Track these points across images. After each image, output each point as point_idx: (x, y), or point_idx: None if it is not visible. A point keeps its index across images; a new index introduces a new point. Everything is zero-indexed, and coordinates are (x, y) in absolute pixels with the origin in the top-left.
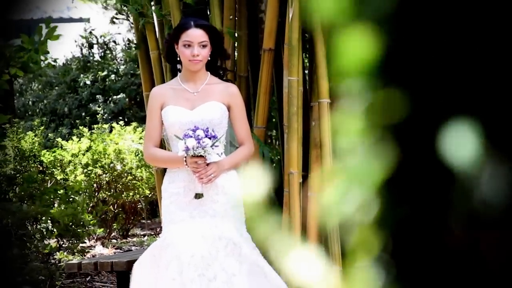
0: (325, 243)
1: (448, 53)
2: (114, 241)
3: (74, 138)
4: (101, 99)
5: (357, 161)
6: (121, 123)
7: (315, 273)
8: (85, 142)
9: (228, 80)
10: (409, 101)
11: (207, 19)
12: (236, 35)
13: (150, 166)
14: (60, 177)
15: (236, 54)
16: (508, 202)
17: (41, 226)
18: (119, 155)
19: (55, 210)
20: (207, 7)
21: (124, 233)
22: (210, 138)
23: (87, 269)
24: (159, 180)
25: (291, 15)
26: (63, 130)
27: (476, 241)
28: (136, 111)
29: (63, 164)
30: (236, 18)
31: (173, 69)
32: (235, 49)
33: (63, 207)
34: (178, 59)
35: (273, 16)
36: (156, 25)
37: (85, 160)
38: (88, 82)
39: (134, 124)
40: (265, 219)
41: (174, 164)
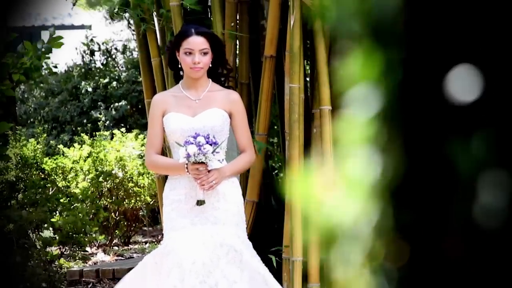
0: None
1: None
2: (115, 248)
3: (76, 145)
4: (102, 106)
5: (359, 167)
6: (122, 130)
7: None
8: (86, 149)
9: (230, 87)
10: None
11: (209, 26)
12: (237, 42)
13: (152, 173)
14: (61, 184)
15: (237, 61)
16: (509, 210)
17: (43, 234)
18: (121, 162)
19: (57, 218)
20: (209, 15)
21: (125, 240)
22: (211, 145)
23: (88, 277)
24: (161, 187)
25: (292, 22)
26: (64, 137)
27: (475, 248)
28: (138, 118)
29: (64, 171)
30: (238, 25)
31: (175, 75)
32: (237, 56)
33: (65, 214)
34: (179, 66)
35: (274, 23)
36: (157, 32)
37: (86, 167)
38: (90, 89)
39: (135, 131)
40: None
41: (176, 171)
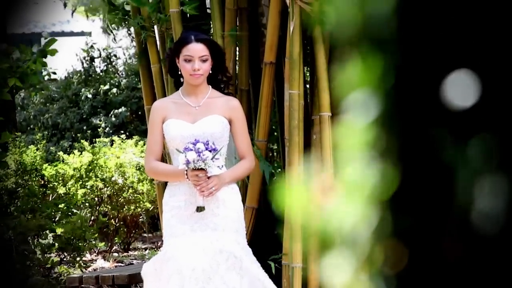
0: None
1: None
2: (115, 254)
3: (76, 151)
4: (102, 112)
5: (358, 173)
6: (122, 136)
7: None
8: (86, 156)
9: (230, 93)
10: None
11: (208, 32)
12: (237, 49)
13: (151, 179)
14: (61, 191)
15: (237, 67)
16: (507, 215)
17: (43, 240)
18: (120, 169)
19: (58, 227)
20: (208, 21)
21: (125, 247)
22: (210, 151)
23: (88, 283)
24: (160, 194)
25: (292, 29)
26: (64, 144)
27: (473, 251)
28: (138, 125)
29: (64, 178)
30: (238, 32)
31: (176, 82)
32: (237, 62)
33: (64, 221)
34: (179, 73)
35: (274, 30)
36: (157, 39)
37: (86, 173)
38: (90, 96)
39: (135, 137)
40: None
41: (175, 177)
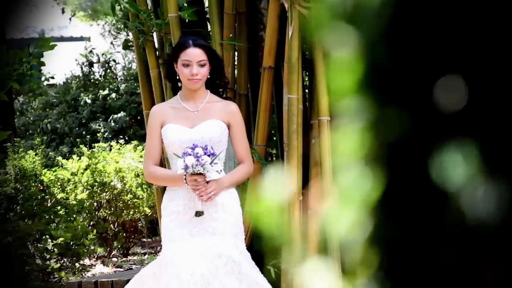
0: (325, 260)
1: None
2: (114, 259)
3: (74, 157)
4: (101, 117)
5: (352, 179)
6: (121, 141)
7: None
8: (85, 161)
9: (228, 98)
10: (404, 120)
11: (208, 37)
12: (236, 53)
13: (150, 184)
14: (60, 196)
15: (236, 72)
16: (501, 220)
17: (42, 245)
18: (119, 174)
19: (55, 231)
20: (207, 25)
21: (124, 252)
22: (209, 156)
23: None
24: (159, 198)
25: (290, 33)
26: (63, 149)
27: (468, 256)
28: (137, 129)
29: (63, 183)
30: (236, 36)
31: (173, 87)
32: (235, 67)
33: (63, 226)
34: (177, 77)
35: (272, 34)
36: (156, 44)
37: (85, 178)
38: (89, 101)
39: (134, 142)
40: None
41: (174, 182)
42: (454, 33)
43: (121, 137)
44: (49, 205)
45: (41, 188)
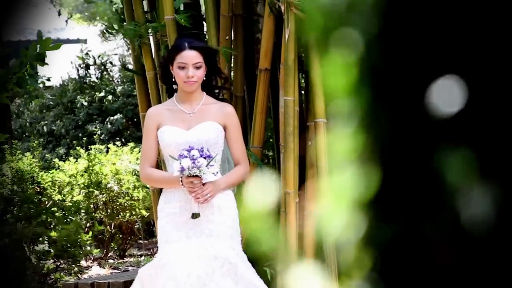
0: (321, 261)
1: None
2: (111, 261)
3: (71, 159)
4: (98, 119)
5: (347, 181)
6: (118, 143)
7: None
8: (82, 163)
9: (224, 99)
10: (399, 121)
11: (204, 40)
12: (232, 55)
13: (147, 186)
14: (57, 198)
15: (232, 74)
16: (495, 221)
17: (38, 247)
18: (116, 176)
19: (54, 233)
20: (203, 27)
21: (121, 254)
22: (205, 158)
23: None
24: (156, 200)
25: (287, 35)
26: (60, 151)
27: (463, 257)
28: (133, 131)
29: (60, 185)
30: (233, 38)
31: (169, 90)
32: (231, 69)
33: (60, 228)
34: (173, 80)
35: (269, 36)
36: (152, 46)
37: (82, 180)
38: (85, 103)
39: (131, 144)
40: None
41: (170, 184)
42: (448, 36)
43: (117, 139)
44: (46, 206)
45: (38, 190)
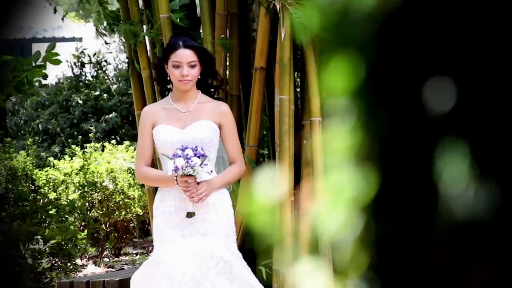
0: (317, 260)
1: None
2: (106, 260)
3: (66, 157)
4: (93, 118)
5: (343, 179)
6: (113, 141)
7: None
8: (77, 161)
9: (220, 98)
10: (395, 120)
11: (200, 38)
12: (228, 54)
13: (142, 184)
14: (52, 196)
15: (227, 72)
16: (490, 220)
17: (33, 246)
18: (111, 174)
19: (47, 231)
20: (198, 30)
21: (116, 252)
22: (199, 157)
23: None
24: (151, 199)
25: (282, 34)
26: (55, 149)
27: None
28: (128, 130)
29: (55, 183)
30: (228, 37)
31: (162, 92)
32: (227, 67)
33: (55, 226)
34: (168, 78)
35: (264, 35)
36: (147, 44)
37: (77, 179)
38: (80, 102)
39: (126, 142)
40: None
41: (165, 183)
42: (444, 36)
43: (112, 137)
44: (40, 205)
45: (33, 188)
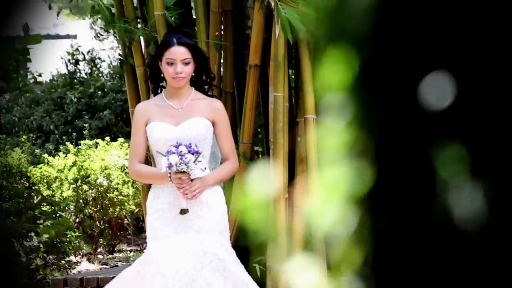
0: (311, 256)
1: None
2: (100, 257)
3: (61, 154)
4: (87, 115)
5: (338, 175)
6: (107, 139)
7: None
8: (71, 158)
9: (213, 95)
10: (391, 117)
11: (194, 36)
12: (222, 51)
13: (136, 181)
14: (46, 193)
15: (222, 70)
16: (486, 217)
17: (27, 243)
18: (105, 171)
19: (43, 228)
20: (192, 28)
21: (110, 249)
22: (193, 154)
23: (73, 285)
24: (145, 196)
25: (277, 31)
26: (49, 146)
27: (454, 251)
28: (122, 127)
29: (49, 180)
30: (222, 34)
31: (155, 89)
32: (221, 65)
33: (49, 223)
34: (161, 75)
35: (258, 32)
36: (142, 41)
37: (71, 176)
38: (74, 99)
39: (120, 140)
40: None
41: (159, 180)
42: (440, 32)
43: (106, 134)
44: (35, 202)
45: (27, 185)
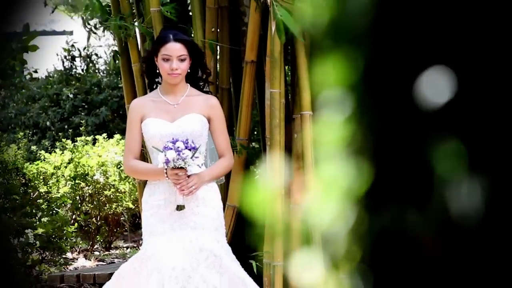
0: (308, 253)
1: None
2: (96, 253)
3: (57, 150)
4: (83, 112)
5: (336, 171)
6: (104, 135)
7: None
8: (68, 155)
9: (209, 91)
10: (388, 113)
11: (190, 32)
12: (218, 47)
13: (133, 178)
14: (43, 189)
15: (218, 66)
16: (484, 213)
17: (24, 239)
18: (102, 167)
19: (39, 225)
20: (189, 24)
21: (107, 246)
22: (190, 150)
23: (69, 282)
24: (141, 193)
25: (273, 28)
26: (46, 143)
27: (452, 247)
28: (118, 123)
29: (46, 177)
30: (218, 30)
31: (151, 85)
32: (217, 61)
33: (45, 219)
34: (157, 71)
35: (255, 28)
36: (138, 38)
37: (68, 172)
38: (71, 95)
39: (117, 136)
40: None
41: (155, 176)
42: (438, 28)
43: (103, 131)
44: (31, 198)
45: (23, 181)
